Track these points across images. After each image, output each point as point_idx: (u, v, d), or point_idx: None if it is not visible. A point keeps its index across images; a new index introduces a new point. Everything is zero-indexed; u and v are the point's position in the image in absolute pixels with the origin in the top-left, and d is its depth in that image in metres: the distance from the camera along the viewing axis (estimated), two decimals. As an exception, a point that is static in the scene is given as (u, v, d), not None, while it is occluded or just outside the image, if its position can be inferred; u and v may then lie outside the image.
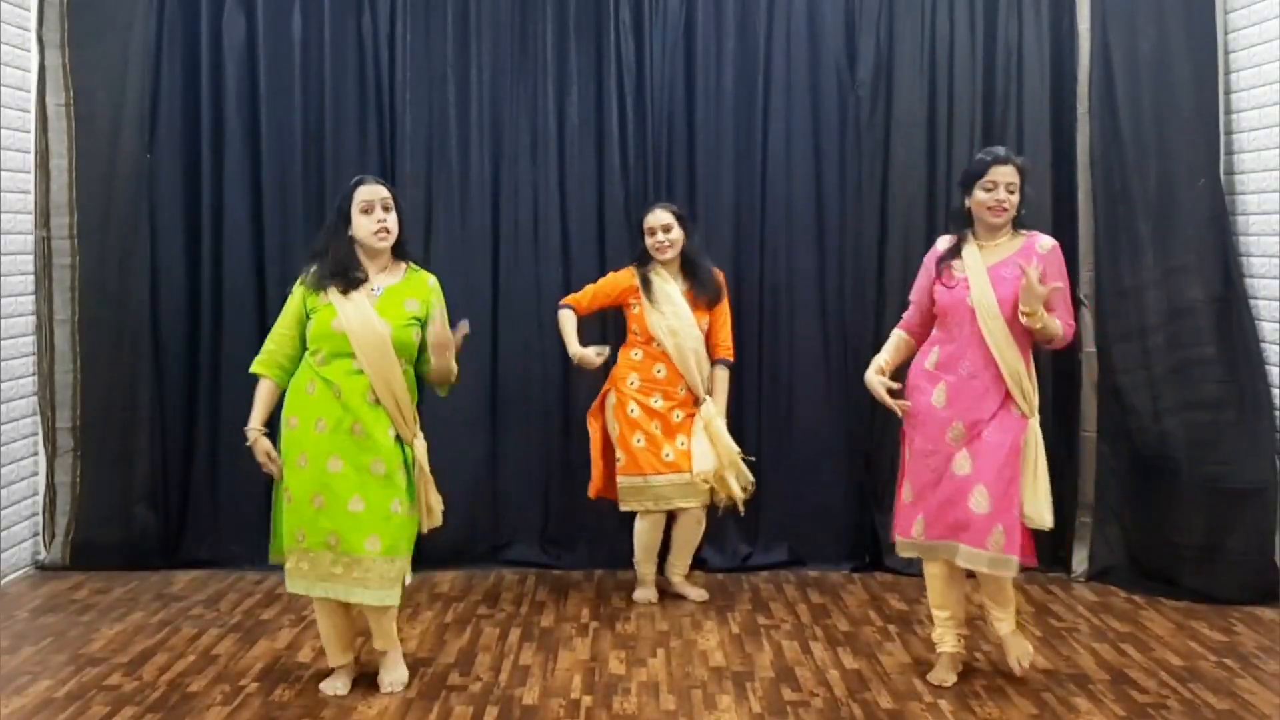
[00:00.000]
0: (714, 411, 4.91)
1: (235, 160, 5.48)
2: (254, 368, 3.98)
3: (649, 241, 4.92)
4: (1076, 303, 5.28)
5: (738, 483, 4.88)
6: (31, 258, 5.40)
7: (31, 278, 5.41)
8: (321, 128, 5.50)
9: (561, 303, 5.02)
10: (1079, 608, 4.91)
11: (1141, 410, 5.12)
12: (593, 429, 5.03)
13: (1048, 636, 4.54)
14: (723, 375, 5.01)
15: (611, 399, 4.95)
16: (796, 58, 5.54)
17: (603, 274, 5.49)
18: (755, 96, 5.55)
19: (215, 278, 5.52)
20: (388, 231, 3.90)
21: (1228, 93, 5.22)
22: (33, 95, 5.41)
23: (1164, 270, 5.14)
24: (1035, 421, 3.95)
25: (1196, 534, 4.96)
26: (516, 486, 5.59)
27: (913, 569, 5.35)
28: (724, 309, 5.03)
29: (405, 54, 5.50)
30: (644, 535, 4.98)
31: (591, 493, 5.06)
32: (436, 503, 4.00)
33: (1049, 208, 5.40)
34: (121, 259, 5.44)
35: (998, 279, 3.91)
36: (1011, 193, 3.95)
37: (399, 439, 3.87)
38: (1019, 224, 4.03)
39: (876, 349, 5.44)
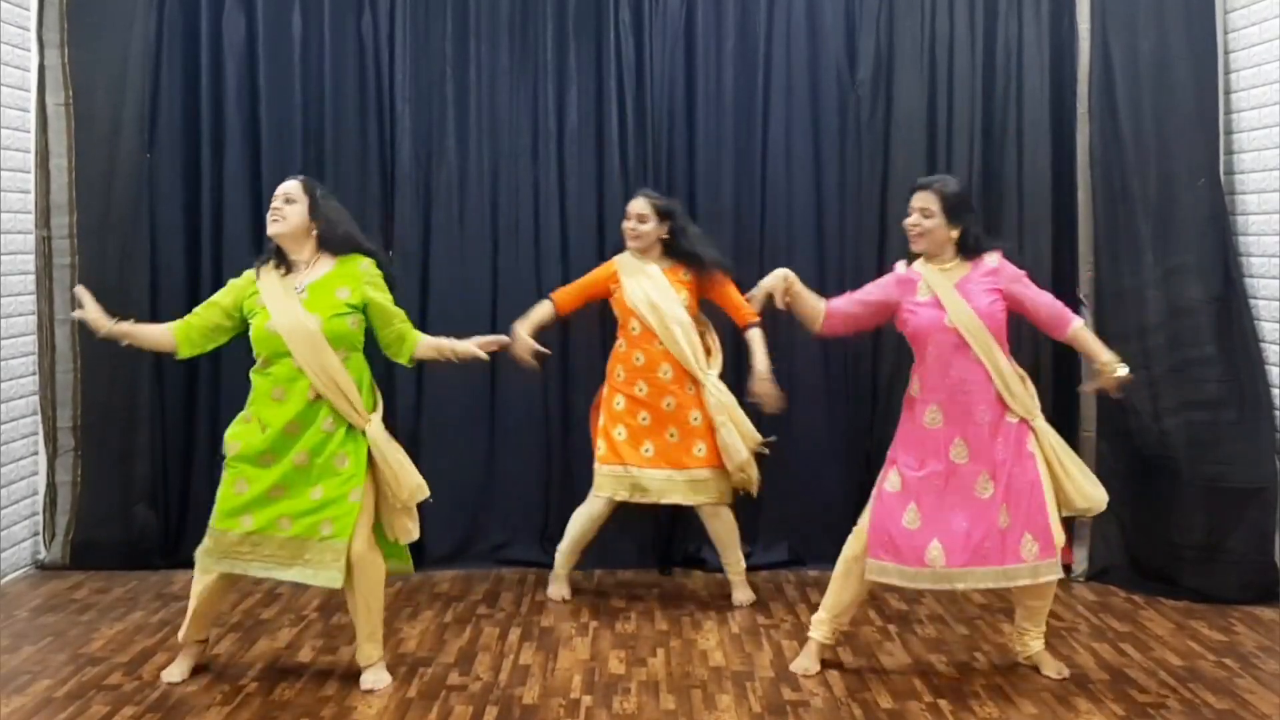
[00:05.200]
0: (731, 401, 4.83)
1: (235, 160, 5.48)
2: (171, 327, 4.11)
3: (623, 225, 4.94)
4: (1076, 302, 5.29)
5: (752, 466, 4.85)
6: (32, 257, 5.40)
7: (32, 277, 5.41)
8: (321, 128, 5.51)
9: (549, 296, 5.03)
10: (1079, 607, 4.91)
11: (1141, 410, 5.11)
12: (593, 425, 5.07)
13: (1048, 636, 4.53)
14: (756, 335, 4.81)
15: (605, 393, 4.99)
16: (796, 58, 5.54)
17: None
18: (755, 96, 5.55)
19: (215, 278, 5.48)
20: (280, 219, 3.98)
21: (1228, 93, 5.22)
22: (33, 95, 5.41)
23: (1164, 270, 5.14)
24: (1039, 421, 3.99)
25: (1196, 534, 4.96)
26: (516, 486, 5.58)
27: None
28: (721, 278, 4.90)
29: (404, 54, 5.50)
30: (581, 523, 4.97)
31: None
32: (406, 478, 3.98)
33: (1049, 208, 5.40)
34: (121, 259, 5.44)
35: (966, 294, 3.95)
36: (927, 217, 3.98)
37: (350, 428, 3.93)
38: (972, 250, 4.01)
39: (876, 349, 5.50)
